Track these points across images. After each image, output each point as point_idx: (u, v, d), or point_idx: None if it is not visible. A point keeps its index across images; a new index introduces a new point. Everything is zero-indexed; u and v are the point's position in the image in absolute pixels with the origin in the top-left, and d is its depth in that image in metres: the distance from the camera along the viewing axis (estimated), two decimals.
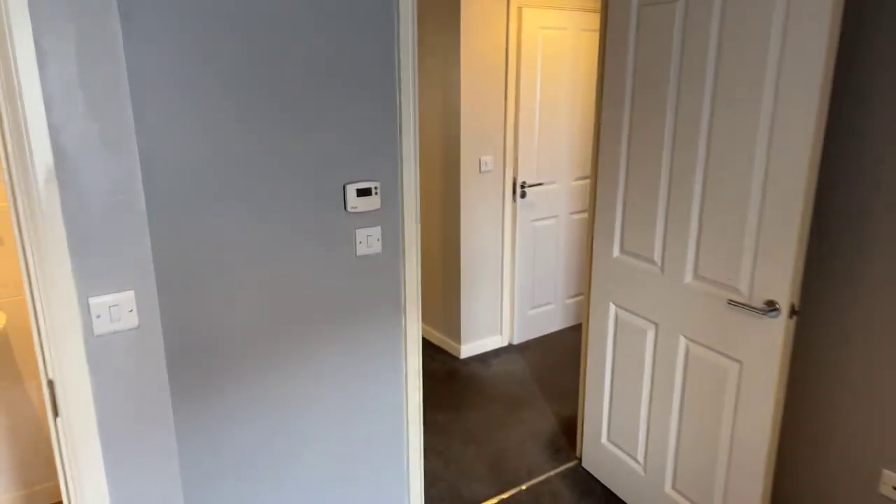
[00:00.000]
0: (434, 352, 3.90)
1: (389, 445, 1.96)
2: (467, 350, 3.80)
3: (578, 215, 4.04)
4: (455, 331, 3.79)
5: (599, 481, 2.57)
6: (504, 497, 2.52)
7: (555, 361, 3.73)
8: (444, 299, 3.83)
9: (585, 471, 2.65)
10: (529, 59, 3.52)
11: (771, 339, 1.76)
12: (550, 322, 4.11)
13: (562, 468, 2.69)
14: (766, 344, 1.78)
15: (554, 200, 3.89)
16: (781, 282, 1.71)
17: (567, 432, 2.97)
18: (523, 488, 2.57)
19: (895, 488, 1.80)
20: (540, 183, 3.78)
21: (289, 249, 1.63)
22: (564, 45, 3.65)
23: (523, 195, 3.71)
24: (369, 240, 1.76)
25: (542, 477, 2.64)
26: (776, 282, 1.72)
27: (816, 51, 1.54)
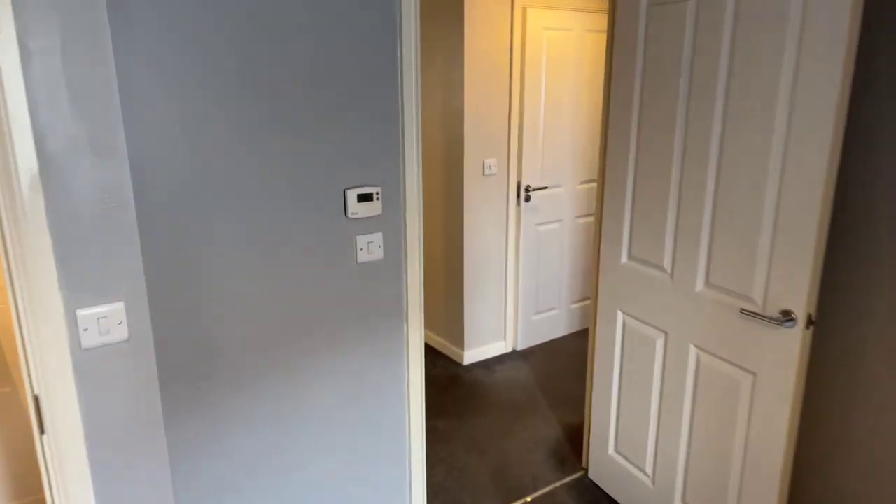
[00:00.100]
0: (436, 358, 3.84)
1: (391, 458, 1.91)
2: (470, 356, 3.74)
3: (583, 219, 3.98)
4: (458, 336, 3.73)
5: (606, 493, 2.51)
6: None
7: (559, 368, 3.66)
8: (447, 304, 3.77)
9: (592, 482, 2.59)
10: (534, 61, 3.46)
11: (787, 351, 1.70)
12: (555, 327, 4.05)
13: (568, 479, 2.63)
14: (782, 355, 1.72)
15: (558, 204, 3.83)
16: (798, 291, 1.65)
17: (572, 441, 2.91)
18: (528, 500, 2.51)
19: None
20: (545, 186, 3.71)
21: (285, 257, 1.58)
22: (569, 47, 3.59)
23: (528, 199, 3.65)
24: (370, 246, 1.70)
25: (548, 488, 2.57)
26: (792, 291, 1.66)
27: (833, 55, 1.48)
